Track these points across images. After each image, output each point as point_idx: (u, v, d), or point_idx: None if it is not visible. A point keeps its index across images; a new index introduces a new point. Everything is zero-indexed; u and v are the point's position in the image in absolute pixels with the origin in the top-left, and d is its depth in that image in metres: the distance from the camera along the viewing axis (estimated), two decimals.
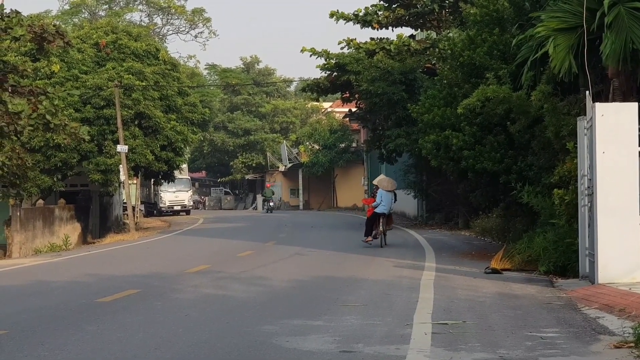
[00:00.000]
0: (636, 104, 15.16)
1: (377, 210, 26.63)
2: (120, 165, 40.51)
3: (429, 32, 40.43)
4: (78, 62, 41.93)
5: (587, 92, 16.28)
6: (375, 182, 28.02)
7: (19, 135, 29.81)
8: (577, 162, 16.43)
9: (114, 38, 44.09)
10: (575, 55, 17.62)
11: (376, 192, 27.24)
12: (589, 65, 17.21)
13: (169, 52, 51.73)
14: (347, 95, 41.65)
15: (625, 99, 17.14)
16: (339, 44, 39.96)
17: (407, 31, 41.66)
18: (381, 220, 26.57)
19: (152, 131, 42.86)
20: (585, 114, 16.03)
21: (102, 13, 76.61)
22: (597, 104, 15.12)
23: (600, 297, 13.44)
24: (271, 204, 63.26)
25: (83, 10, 77.00)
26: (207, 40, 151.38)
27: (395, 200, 27.54)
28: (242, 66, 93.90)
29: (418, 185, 40.32)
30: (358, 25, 39.77)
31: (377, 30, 40.06)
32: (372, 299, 14.12)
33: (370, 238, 26.76)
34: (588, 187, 15.52)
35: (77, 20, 73.14)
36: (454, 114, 23.32)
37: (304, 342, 10.09)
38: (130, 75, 41.92)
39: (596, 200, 14.87)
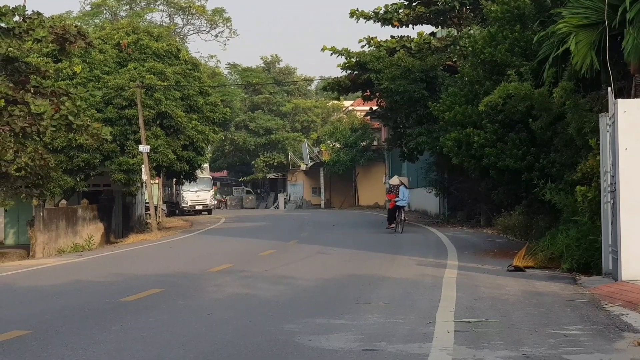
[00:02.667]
0: None
1: (398, 203, 32.53)
2: (143, 165, 40.63)
3: (449, 29, 40.34)
4: (100, 62, 42.09)
5: (609, 88, 16.21)
6: (396, 181, 33.68)
7: (41, 136, 29.98)
8: (600, 158, 16.37)
9: (135, 38, 44.23)
10: (597, 51, 17.57)
11: (396, 189, 32.95)
12: (611, 61, 17.16)
13: (189, 52, 51.93)
14: (368, 93, 41.59)
15: None
16: (359, 42, 39.96)
17: (427, 29, 41.57)
18: (402, 211, 32.64)
19: (174, 131, 42.97)
20: (607, 111, 15.97)
21: (123, 14, 76.91)
22: (619, 101, 15.06)
23: (623, 294, 13.39)
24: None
25: (104, 11, 77.32)
26: (228, 39, 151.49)
27: (409, 195, 34.19)
28: (262, 65, 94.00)
29: (439, 183, 40.28)
30: (378, 24, 39.69)
31: (398, 28, 39.98)
32: (394, 298, 14.12)
33: (393, 225, 32.72)
34: (611, 183, 15.46)
35: (98, 21, 73.45)
36: (475, 111, 23.28)
37: (327, 341, 10.10)
38: (152, 76, 42.04)
39: (619, 197, 14.81)
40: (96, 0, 76.09)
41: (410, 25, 40.06)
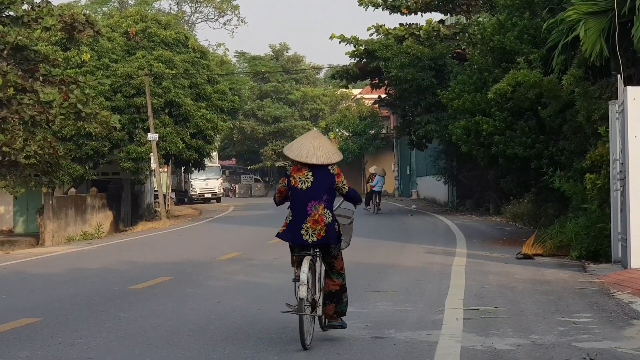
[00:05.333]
0: None
1: (374, 189, 38.72)
2: (151, 154, 40.73)
3: (458, 17, 40.23)
4: (108, 51, 42.14)
5: (619, 75, 16.17)
6: (372, 170, 40.33)
7: (50, 124, 30.09)
8: (609, 146, 16.34)
9: (144, 27, 44.25)
10: (607, 38, 17.52)
11: (373, 177, 39.04)
12: (620, 48, 17.11)
13: (198, 40, 51.88)
14: (377, 81, 41.52)
15: None
16: (367, 30, 39.82)
17: (436, 16, 41.31)
18: (378, 196, 38.88)
19: (182, 119, 43.04)
20: (616, 98, 15.94)
21: (131, 2, 76.84)
22: (629, 88, 15.02)
23: (633, 282, 13.38)
24: None
25: None
26: (236, 27, 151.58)
27: (384, 182, 40.42)
28: (271, 53, 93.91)
29: (448, 171, 40.27)
30: (387, 11, 39.57)
31: (406, 15, 39.84)
32: (403, 286, 14.13)
33: (369, 206, 38.39)
34: (620, 171, 15.43)
35: (106, 9, 73.45)
36: (484, 99, 23.24)
37: (336, 328, 10.10)
38: (160, 64, 42.09)
39: (628, 184, 14.78)
40: None
41: (419, 13, 39.90)
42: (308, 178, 9.24)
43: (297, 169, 9.32)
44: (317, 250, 9.29)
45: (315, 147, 9.27)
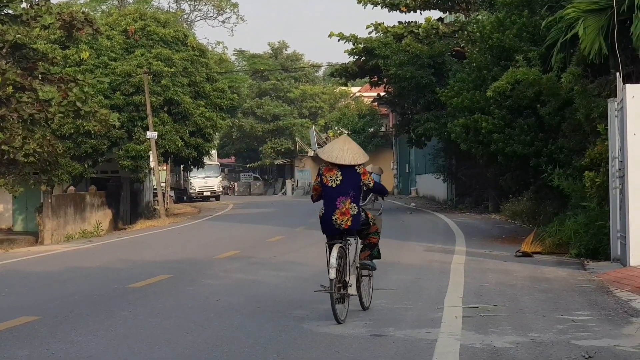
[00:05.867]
0: None
1: None
2: (150, 152, 40.69)
3: (457, 14, 40.21)
4: (107, 49, 42.09)
5: (618, 73, 16.17)
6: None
7: (49, 122, 30.10)
8: (608, 144, 16.34)
9: (143, 25, 44.20)
10: (606, 36, 17.53)
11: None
12: (619, 46, 17.13)
13: (197, 38, 51.84)
14: (376, 79, 41.49)
15: None
16: (366, 28, 39.74)
17: (435, 14, 41.33)
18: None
19: (181, 117, 43.03)
20: (615, 96, 15.93)
21: (130, 0, 76.80)
22: (628, 86, 15.02)
23: (632, 279, 13.38)
24: None
25: None
26: (235, 26, 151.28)
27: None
28: (269, 51, 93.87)
29: (447, 169, 40.26)
30: (386, 9, 39.52)
31: (405, 13, 39.77)
32: (403, 283, 14.13)
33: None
34: (619, 169, 15.43)
35: (105, 7, 73.34)
36: (483, 97, 23.25)
37: (335, 327, 10.12)
38: (159, 62, 42.05)
39: (627, 182, 14.79)
40: None
41: (418, 11, 39.84)
42: (337, 177, 10.78)
43: (328, 169, 10.87)
44: (349, 239, 10.83)
45: (344, 150, 10.86)
